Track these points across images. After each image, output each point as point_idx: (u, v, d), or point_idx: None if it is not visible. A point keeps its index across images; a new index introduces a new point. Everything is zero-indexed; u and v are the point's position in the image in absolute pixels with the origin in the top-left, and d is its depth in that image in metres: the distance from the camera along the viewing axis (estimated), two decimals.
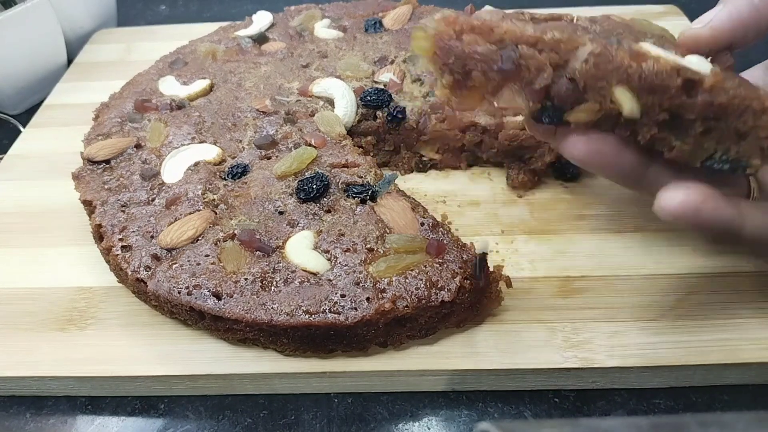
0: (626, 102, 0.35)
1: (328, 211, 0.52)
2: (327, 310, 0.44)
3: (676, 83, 0.34)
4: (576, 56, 0.35)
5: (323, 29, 0.75)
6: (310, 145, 0.58)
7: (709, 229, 0.36)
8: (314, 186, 0.52)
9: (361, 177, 0.54)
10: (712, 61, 0.38)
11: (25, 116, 0.79)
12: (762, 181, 0.42)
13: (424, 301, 0.45)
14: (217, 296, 0.46)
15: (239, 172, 0.56)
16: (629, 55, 0.35)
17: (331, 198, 0.53)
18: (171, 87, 0.67)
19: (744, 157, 0.36)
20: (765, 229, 0.37)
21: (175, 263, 0.48)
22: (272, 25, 0.78)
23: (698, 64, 0.36)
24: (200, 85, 0.67)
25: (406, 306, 0.44)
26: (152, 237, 0.50)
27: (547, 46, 0.36)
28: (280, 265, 0.48)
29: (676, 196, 0.35)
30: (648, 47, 0.35)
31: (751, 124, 0.35)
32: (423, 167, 0.65)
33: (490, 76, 0.37)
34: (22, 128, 0.75)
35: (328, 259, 0.48)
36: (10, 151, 0.70)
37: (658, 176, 0.39)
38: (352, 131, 0.62)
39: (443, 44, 0.37)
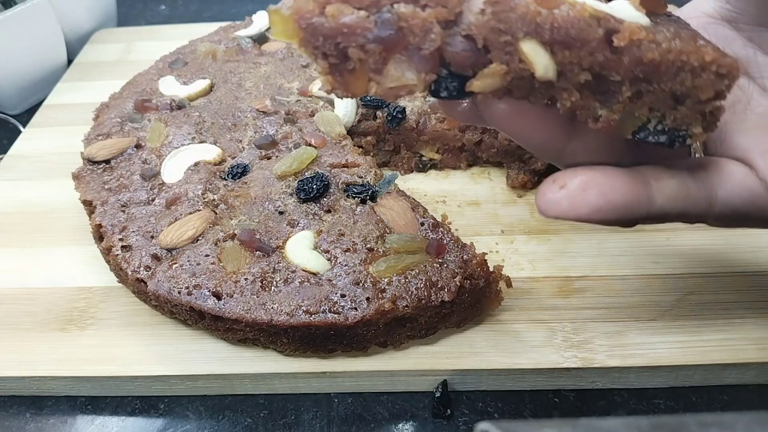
0: (539, 60, 0.29)
1: (328, 211, 0.52)
2: (327, 310, 0.44)
3: (596, 35, 0.28)
4: (470, 7, 0.29)
5: None
6: (310, 145, 0.58)
7: (613, 222, 0.31)
8: (314, 186, 0.52)
9: (361, 177, 0.54)
10: None
11: (25, 116, 0.79)
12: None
13: (424, 301, 0.45)
14: (217, 296, 0.46)
15: (239, 172, 0.56)
16: (536, 1, 0.29)
17: (331, 198, 0.53)
18: (171, 87, 0.67)
19: (683, 125, 0.30)
20: (678, 200, 0.32)
21: (175, 263, 0.48)
22: None
23: (625, 11, 0.29)
24: (200, 85, 0.67)
25: (406, 306, 0.44)
26: (152, 237, 0.50)
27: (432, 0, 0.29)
28: (280, 265, 0.48)
29: (556, 197, 0.30)
30: None
31: (690, 84, 0.29)
32: (423, 167, 0.65)
33: (370, 49, 0.30)
34: (22, 128, 0.75)
35: (328, 259, 0.48)
36: (10, 151, 0.70)
37: (576, 152, 0.33)
38: (352, 131, 0.62)
39: (306, 24, 0.29)
